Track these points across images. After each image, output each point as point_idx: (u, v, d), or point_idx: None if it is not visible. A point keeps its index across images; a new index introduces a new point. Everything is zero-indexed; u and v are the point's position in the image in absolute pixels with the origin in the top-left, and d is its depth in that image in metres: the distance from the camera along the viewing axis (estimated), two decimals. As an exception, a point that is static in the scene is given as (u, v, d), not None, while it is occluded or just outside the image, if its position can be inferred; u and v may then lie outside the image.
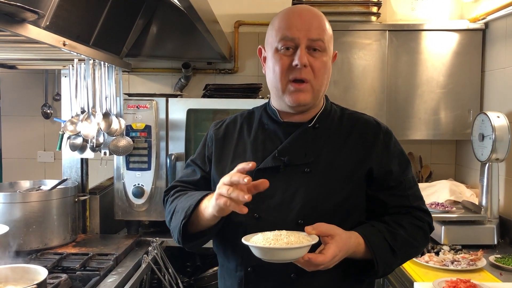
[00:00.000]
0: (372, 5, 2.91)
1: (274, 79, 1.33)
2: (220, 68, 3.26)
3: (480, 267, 2.01)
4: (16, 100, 3.31)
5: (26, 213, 2.17)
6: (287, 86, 1.31)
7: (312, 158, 1.32)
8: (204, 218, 1.25)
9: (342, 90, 2.90)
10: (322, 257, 1.13)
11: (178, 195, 1.40)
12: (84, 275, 1.91)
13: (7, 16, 1.36)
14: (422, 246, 1.40)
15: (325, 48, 1.31)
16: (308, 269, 1.16)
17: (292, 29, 1.28)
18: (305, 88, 1.30)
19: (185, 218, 1.26)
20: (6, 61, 2.63)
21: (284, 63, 1.29)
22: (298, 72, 1.28)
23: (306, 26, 1.28)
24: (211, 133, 1.47)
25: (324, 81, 1.33)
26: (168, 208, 1.42)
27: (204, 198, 1.26)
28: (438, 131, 2.92)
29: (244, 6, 3.23)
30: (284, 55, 1.30)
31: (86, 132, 2.30)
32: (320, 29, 1.30)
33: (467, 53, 2.87)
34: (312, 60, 1.29)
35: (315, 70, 1.29)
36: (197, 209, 1.26)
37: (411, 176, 1.40)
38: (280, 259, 1.12)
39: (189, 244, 1.34)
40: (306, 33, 1.28)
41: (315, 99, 1.33)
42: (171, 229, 1.36)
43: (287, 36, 1.29)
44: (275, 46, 1.31)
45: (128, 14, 2.57)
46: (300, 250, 1.11)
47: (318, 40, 1.29)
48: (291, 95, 1.30)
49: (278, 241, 1.12)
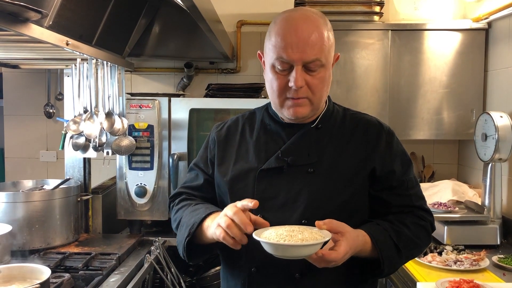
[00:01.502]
0: (374, 5, 2.91)
1: (272, 94, 1.32)
2: (223, 68, 3.26)
3: (483, 267, 2.01)
4: (19, 100, 3.31)
5: (29, 212, 2.17)
6: (285, 102, 1.30)
7: (316, 159, 1.32)
8: (206, 236, 1.27)
9: (344, 89, 2.90)
10: (334, 254, 1.14)
11: (183, 205, 1.41)
12: (87, 275, 1.91)
13: (10, 15, 1.36)
14: (425, 245, 1.40)
15: (323, 64, 1.27)
16: (319, 265, 1.16)
17: (288, 50, 1.24)
18: (303, 102, 1.29)
19: (189, 236, 1.28)
20: (9, 60, 2.64)
21: (281, 83, 1.28)
22: (295, 93, 1.27)
23: (301, 45, 1.23)
24: (213, 135, 1.47)
25: (323, 94, 1.32)
26: (174, 216, 1.44)
27: (207, 217, 1.28)
28: (441, 131, 2.92)
29: (247, 5, 3.23)
30: (280, 74, 1.28)
31: (88, 132, 2.31)
32: (317, 46, 1.25)
33: (470, 52, 2.87)
34: (309, 78, 1.27)
35: (312, 87, 1.28)
36: (200, 226, 1.28)
37: (413, 176, 1.41)
38: (293, 255, 1.12)
39: (194, 259, 1.36)
40: (301, 55, 1.24)
41: (314, 111, 1.33)
42: (177, 241, 1.37)
43: (283, 57, 1.25)
44: (272, 63, 1.29)
45: (131, 14, 2.57)
46: (314, 246, 1.11)
47: (314, 60, 1.25)
48: (289, 109, 1.30)
49: (292, 237, 1.11)
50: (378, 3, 2.91)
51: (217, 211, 1.29)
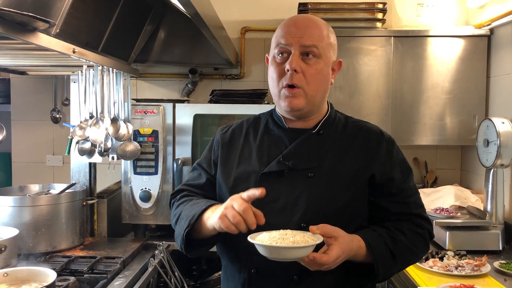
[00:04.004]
0: (377, 11, 2.93)
1: (271, 85, 1.38)
2: (227, 74, 3.29)
3: (484, 272, 2.01)
4: (26, 105, 3.36)
5: (35, 216, 2.20)
6: (281, 91, 1.34)
7: (316, 163, 1.35)
8: (206, 228, 1.28)
9: (347, 95, 2.92)
10: (326, 257, 1.16)
11: (184, 201, 1.43)
12: (92, 278, 1.94)
13: (19, 25, 1.39)
14: (422, 253, 1.42)
15: (320, 54, 1.33)
16: (312, 268, 1.18)
17: (286, 36, 1.33)
18: (298, 93, 1.32)
19: (189, 226, 1.30)
20: (17, 67, 2.68)
21: (279, 70, 1.34)
22: (290, 78, 1.31)
23: (299, 33, 1.32)
24: (218, 137, 1.50)
25: (319, 88, 1.35)
26: (173, 212, 1.45)
27: (208, 208, 1.29)
28: (443, 137, 2.93)
29: (251, 12, 3.26)
30: (279, 62, 1.34)
31: (94, 137, 2.34)
32: (315, 36, 1.32)
33: (472, 59, 2.88)
34: (304, 66, 1.31)
35: (307, 76, 1.32)
36: (200, 218, 1.29)
37: (412, 184, 1.43)
38: (285, 257, 1.15)
39: (192, 251, 1.37)
40: (299, 40, 1.31)
41: (310, 104, 1.35)
42: (175, 235, 1.39)
43: (281, 43, 1.33)
44: (273, 54, 1.37)
45: (136, 21, 2.61)
46: (306, 249, 1.14)
47: (311, 46, 1.31)
48: (285, 100, 1.34)
49: (284, 240, 1.14)
50: (381, 10, 2.93)
51: (217, 203, 1.31)
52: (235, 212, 1.17)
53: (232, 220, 1.17)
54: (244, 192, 1.20)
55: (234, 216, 1.16)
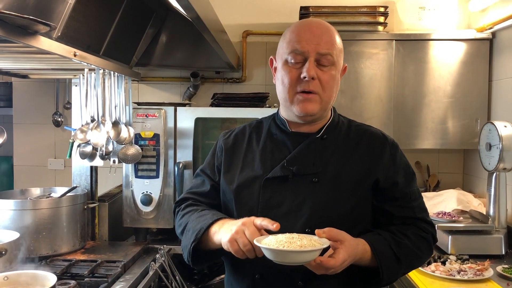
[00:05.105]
0: (379, 15, 2.93)
1: (283, 90, 1.36)
2: (228, 77, 3.29)
3: (487, 277, 2.00)
4: (28, 108, 3.37)
5: (36, 220, 2.20)
6: (295, 96, 1.33)
7: (320, 168, 1.34)
8: (213, 242, 1.28)
9: (349, 99, 2.91)
10: (333, 261, 1.15)
11: (189, 210, 1.43)
12: (93, 282, 1.93)
13: (20, 28, 1.40)
14: (426, 257, 1.41)
15: (334, 61, 1.33)
16: (318, 272, 1.17)
17: (302, 42, 1.31)
18: (313, 98, 1.32)
19: (195, 241, 1.29)
20: (19, 70, 2.68)
21: (293, 75, 1.32)
22: (306, 85, 1.31)
23: (315, 39, 1.31)
24: (220, 143, 1.49)
25: (332, 94, 1.36)
26: (179, 221, 1.45)
27: (215, 223, 1.29)
28: (445, 140, 2.92)
29: (252, 16, 3.26)
30: (293, 67, 1.33)
31: (95, 141, 2.33)
32: (330, 43, 1.33)
33: (474, 62, 2.88)
34: (320, 73, 1.32)
35: (323, 83, 1.32)
36: (207, 232, 1.29)
37: (416, 188, 1.43)
38: (292, 261, 1.14)
39: (198, 265, 1.37)
40: (316, 47, 1.31)
41: (323, 110, 1.36)
42: (182, 246, 1.39)
43: (297, 49, 1.32)
44: (285, 58, 1.35)
45: (138, 25, 2.61)
46: (313, 253, 1.13)
47: (327, 54, 1.31)
48: (299, 105, 1.33)
49: (291, 244, 1.13)
50: (383, 14, 2.93)
51: (223, 217, 1.31)
52: (246, 240, 1.16)
53: (243, 247, 1.17)
54: (258, 219, 1.19)
55: (244, 244, 1.16)
